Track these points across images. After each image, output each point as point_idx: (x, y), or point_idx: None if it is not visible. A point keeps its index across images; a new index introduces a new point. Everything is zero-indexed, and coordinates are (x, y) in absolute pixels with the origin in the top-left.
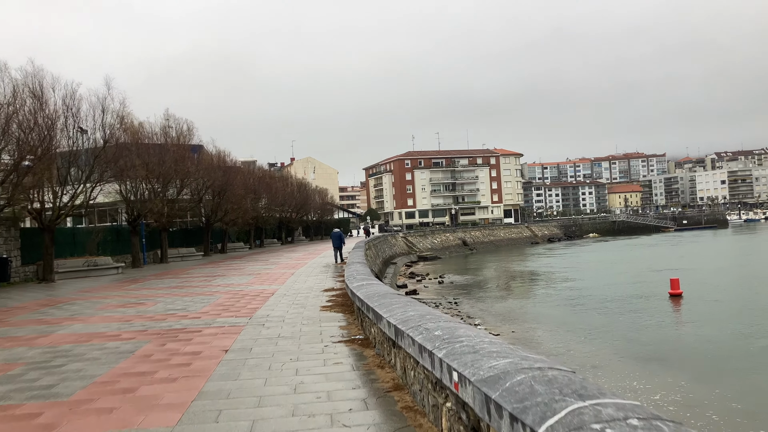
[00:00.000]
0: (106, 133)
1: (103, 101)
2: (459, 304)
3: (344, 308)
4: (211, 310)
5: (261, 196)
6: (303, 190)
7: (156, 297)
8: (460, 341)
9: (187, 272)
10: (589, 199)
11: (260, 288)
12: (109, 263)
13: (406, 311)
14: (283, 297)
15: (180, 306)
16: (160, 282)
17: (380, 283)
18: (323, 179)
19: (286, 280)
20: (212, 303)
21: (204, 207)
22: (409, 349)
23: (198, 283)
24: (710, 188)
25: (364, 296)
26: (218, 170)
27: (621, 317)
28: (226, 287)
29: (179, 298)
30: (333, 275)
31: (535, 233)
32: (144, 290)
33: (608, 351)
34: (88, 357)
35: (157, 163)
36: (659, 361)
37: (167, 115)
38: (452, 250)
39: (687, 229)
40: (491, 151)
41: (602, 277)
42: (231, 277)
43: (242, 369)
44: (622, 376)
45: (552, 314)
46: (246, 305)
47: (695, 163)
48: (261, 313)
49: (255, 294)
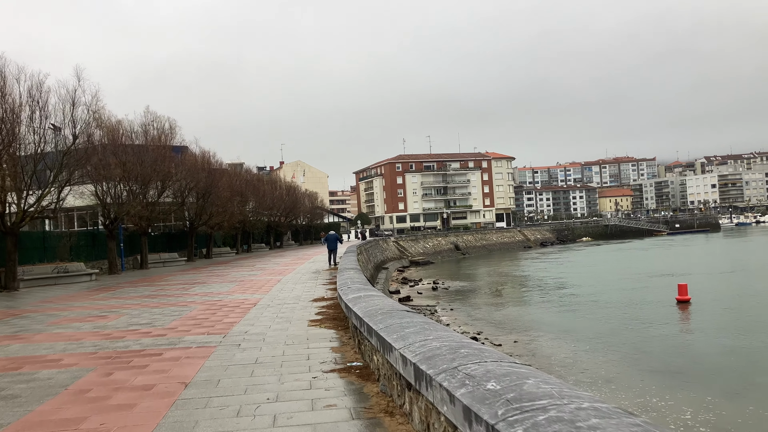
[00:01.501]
0: (76, 128)
1: (73, 94)
2: (455, 311)
3: (336, 323)
4: (180, 326)
5: (248, 199)
6: (292, 193)
7: (123, 308)
8: (541, 406)
9: (165, 279)
10: (580, 203)
11: (242, 297)
12: (81, 269)
13: (427, 339)
14: (267, 308)
15: (146, 320)
16: (133, 290)
17: (381, 295)
18: (313, 183)
19: (272, 287)
20: (184, 316)
21: (188, 210)
22: (442, 407)
23: (174, 292)
24: (701, 192)
25: (363, 313)
26: (202, 171)
27: (628, 325)
28: (204, 296)
29: (148, 310)
30: (323, 282)
31: (528, 237)
32: (112, 300)
33: (620, 362)
34: (4, 394)
35: (135, 163)
36: (678, 375)
37: (148, 112)
38: (445, 255)
39: (679, 233)
40: (483, 154)
41: (602, 282)
42: (211, 285)
43: (201, 415)
44: (641, 391)
45: (553, 322)
46: (222, 319)
47: (685, 167)
48: (238, 330)
49: (235, 305)
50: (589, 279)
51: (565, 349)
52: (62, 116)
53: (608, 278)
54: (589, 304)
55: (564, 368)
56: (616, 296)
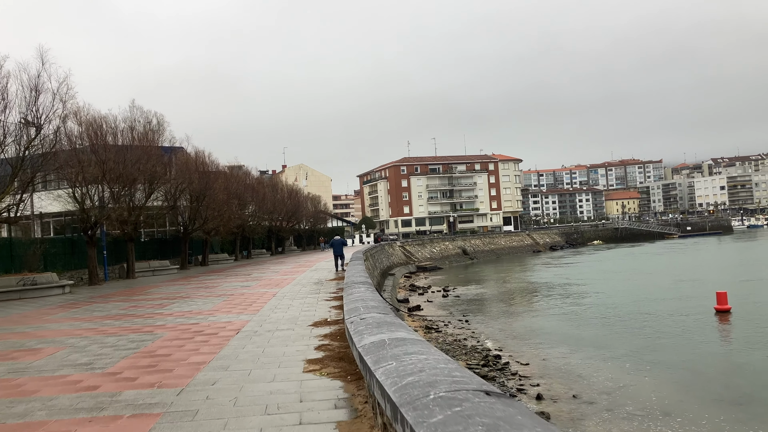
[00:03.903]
0: (39, 119)
1: (36, 79)
2: (470, 323)
3: (343, 366)
4: (128, 368)
5: (247, 203)
6: (294, 197)
7: (72, 335)
8: None
9: (146, 292)
10: (587, 206)
11: (225, 319)
12: (52, 281)
13: None
14: (252, 338)
15: (89, 357)
16: (101, 307)
17: (417, 338)
18: (316, 186)
19: (264, 304)
20: (140, 351)
21: (181, 214)
22: None
23: (147, 310)
24: (709, 194)
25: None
26: (195, 172)
27: (666, 338)
28: (180, 317)
29: (100, 339)
30: (327, 296)
31: (537, 241)
32: (67, 322)
33: (672, 387)
34: None
35: (117, 162)
36: (748, 404)
37: (133, 106)
38: (452, 260)
39: (691, 236)
40: (490, 156)
41: (626, 289)
42: (195, 300)
43: None
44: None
45: (581, 335)
46: (188, 357)
47: (692, 169)
48: (204, 378)
49: (213, 331)
50: (611, 285)
51: (604, 370)
52: (25, 106)
53: (631, 284)
54: (617, 313)
55: (609, 396)
56: (646, 305)
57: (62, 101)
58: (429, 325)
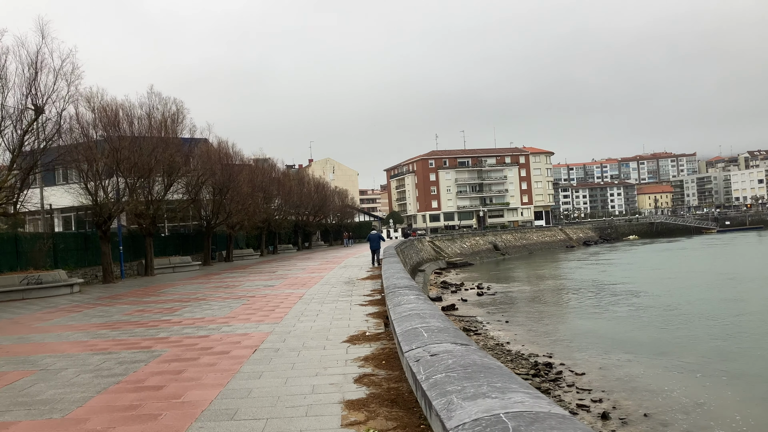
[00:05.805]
0: (40, 100)
1: (35, 56)
2: (511, 324)
3: (396, 415)
4: (96, 414)
5: (273, 196)
6: (321, 190)
7: (50, 353)
8: None
9: (160, 291)
10: (618, 200)
11: (241, 330)
12: (59, 280)
13: None
14: (271, 361)
15: (55, 390)
16: (102, 312)
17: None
18: (343, 180)
19: (289, 309)
20: (124, 380)
21: (203, 208)
22: None
23: (154, 316)
24: (746, 188)
25: None
26: (218, 164)
27: (735, 344)
28: (189, 326)
29: (84, 358)
30: (361, 300)
31: (570, 236)
32: (56, 331)
33: (759, 404)
34: None
35: (131, 151)
36: None
37: (152, 93)
38: (483, 255)
39: (730, 231)
40: (520, 149)
41: (675, 288)
42: (210, 303)
43: None
44: None
45: (639, 339)
46: (185, 392)
47: (727, 162)
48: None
49: (224, 348)
50: (659, 283)
51: (674, 382)
52: (25, 86)
53: (680, 282)
54: (673, 315)
55: (687, 416)
56: (701, 306)
57: (67, 81)
58: (467, 327)
